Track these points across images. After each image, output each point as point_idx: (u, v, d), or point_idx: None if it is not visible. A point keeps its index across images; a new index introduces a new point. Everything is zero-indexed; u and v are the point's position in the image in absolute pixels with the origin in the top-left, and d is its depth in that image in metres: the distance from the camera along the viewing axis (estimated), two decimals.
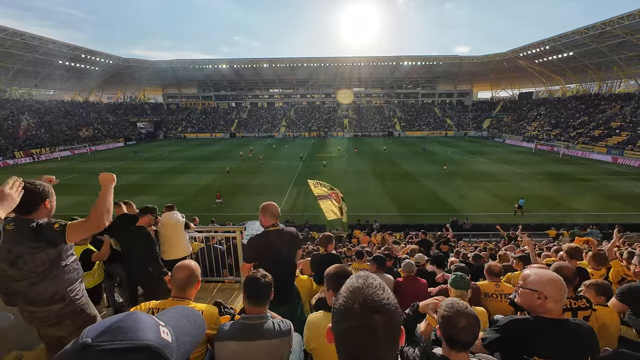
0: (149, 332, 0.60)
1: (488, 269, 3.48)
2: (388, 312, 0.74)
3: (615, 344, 2.39)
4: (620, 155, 33.42)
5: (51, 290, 1.97)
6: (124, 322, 0.60)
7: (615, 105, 43.91)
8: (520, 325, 1.60)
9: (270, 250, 2.56)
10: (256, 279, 1.76)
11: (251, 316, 1.70)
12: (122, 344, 0.55)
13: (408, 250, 7.33)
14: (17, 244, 1.84)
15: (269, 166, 32.38)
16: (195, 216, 9.60)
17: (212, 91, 76.75)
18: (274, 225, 2.67)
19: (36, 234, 1.85)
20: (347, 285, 0.81)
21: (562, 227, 14.17)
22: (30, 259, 1.86)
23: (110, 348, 0.54)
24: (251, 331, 1.64)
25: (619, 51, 40.66)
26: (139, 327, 0.60)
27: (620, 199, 20.14)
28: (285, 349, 1.67)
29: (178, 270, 1.84)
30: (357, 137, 62.04)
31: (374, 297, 0.75)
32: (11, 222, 1.88)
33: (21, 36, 38.78)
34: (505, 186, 23.50)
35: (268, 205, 2.70)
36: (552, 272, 1.63)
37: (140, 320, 0.62)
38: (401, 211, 18.73)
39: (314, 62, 64.89)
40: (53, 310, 2.01)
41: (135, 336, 0.58)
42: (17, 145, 39.45)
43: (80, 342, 0.54)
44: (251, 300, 1.74)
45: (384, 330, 0.73)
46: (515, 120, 58.65)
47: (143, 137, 62.26)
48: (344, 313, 0.76)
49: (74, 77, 56.31)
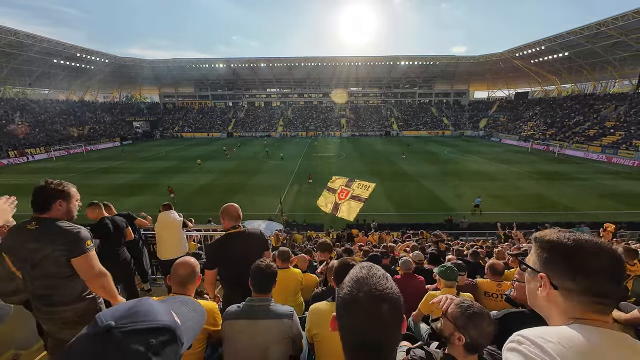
0: (164, 315, 0.62)
1: (491, 267, 3.37)
2: (392, 300, 0.77)
3: None
4: (614, 155, 33.77)
5: (77, 289, 2.02)
6: (139, 306, 0.61)
7: (609, 105, 44.35)
8: (516, 317, 1.63)
9: (233, 254, 2.44)
10: (261, 269, 1.91)
11: (256, 298, 1.87)
12: (144, 324, 0.57)
13: (405, 247, 7.37)
14: (43, 245, 1.86)
15: (267, 166, 32.33)
16: (191, 217, 9.57)
17: (209, 90, 76.40)
18: (234, 227, 2.56)
19: (67, 241, 1.88)
20: (352, 275, 0.83)
21: (557, 226, 14.33)
22: (57, 259, 1.89)
23: (133, 329, 0.55)
24: (257, 311, 1.81)
25: (614, 51, 41.08)
26: (155, 310, 0.62)
27: (614, 197, 20.37)
28: (287, 329, 1.79)
29: (179, 267, 1.86)
30: (355, 137, 62.11)
31: (378, 286, 0.78)
32: (33, 222, 1.88)
33: (15, 34, 38.32)
34: (501, 185, 23.68)
35: (227, 207, 2.60)
36: None
37: (153, 305, 0.64)
38: (398, 210, 18.81)
39: (311, 62, 64.83)
40: (79, 308, 2.03)
41: (154, 318, 0.59)
42: (11, 145, 39.02)
43: (103, 325, 0.54)
44: (256, 288, 1.89)
45: (389, 318, 0.76)
46: (511, 120, 59.05)
47: (139, 137, 61.80)
48: (349, 301, 0.78)
49: (69, 76, 55.70)
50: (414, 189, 23.15)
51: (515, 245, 8.20)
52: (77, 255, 1.90)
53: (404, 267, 3.64)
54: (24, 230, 1.87)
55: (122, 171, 29.89)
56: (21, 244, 1.86)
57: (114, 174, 28.18)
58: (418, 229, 13.98)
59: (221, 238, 2.57)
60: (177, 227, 4.50)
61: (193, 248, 5.78)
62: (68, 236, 1.89)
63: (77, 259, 1.91)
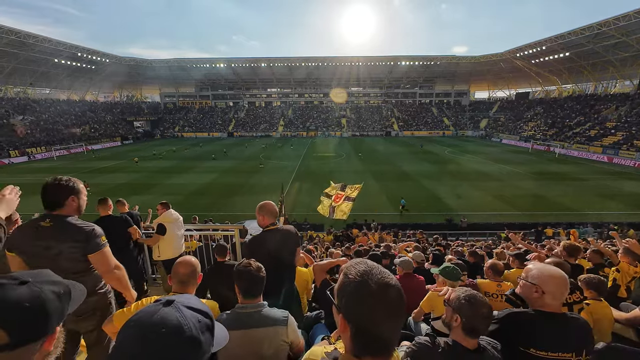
0: None
1: (492, 267, 3.36)
2: (398, 287, 0.82)
3: (608, 339, 2.43)
4: (615, 155, 33.71)
5: (92, 282, 2.07)
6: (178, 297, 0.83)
7: (610, 106, 44.27)
8: (518, 317, 1.62)
9: (271, 251, 2.43)
10: (248, 272, 1.73)
11: (246, 305, 1.71)
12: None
13: (405, 246, 7.37)
14: (58, 242, 1.88)
15: (267, 166, 32.34)
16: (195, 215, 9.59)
17: (209, 90, 76.43)
18: (273, 224, 2.57)
19: (83, 238, 1.93)
20: (355, 271, 0.85)
21: (559, 226, 14.34)
22: (73, 255, 1.93)
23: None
24: (246, 320, 1.66)
25: (615, 52, 41.01)
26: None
27: (615, 198, 20.34)
28: (281, 337, 1.67)
29: (181, 266, 1.84)
30: (355, 137, 62.09)
31: (383, 274, 0.83)
32: (47, 219, 1.90)
33: (17, 34, 38.40)
34: (502, 186, 23.65)
35: (266, 204, 2.59)
36: (555, 269, 1.59)
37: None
38: (399, 210, 18.78)
39: (312, 62, 64.84)
40: (92, 301, 2.08)
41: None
42: (12, 144, 39.10)
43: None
44: (244, 293, 1.74)
45: (398, 304, 0.81)
46: (512, 120, 58.98)
47: (140, 137, 61.88)
48: (361, 294, 0.80)
49: (71, 75, 55.85)
50: (415, 188, 23.14)
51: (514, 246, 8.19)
52: (93, 251, 1.97)
53: (405, 267, 3.64)
54: (38, 228, 1.88)
55: (122, 170, 29.92)
56: (34, 242, 1.87)
57: (114, 173, 28.26)
58: (417, 229, 14.00)
59: (260, 235, 2.56)
60: (178, 226, 4.47)
61: (195, 246, 5.75)
62: (84, 233, 1.94)
63: (94, 255, 1.98)
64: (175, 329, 0.69)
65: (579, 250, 3.81)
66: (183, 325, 0.70)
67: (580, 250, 3.85)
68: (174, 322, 0.70)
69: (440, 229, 15.44)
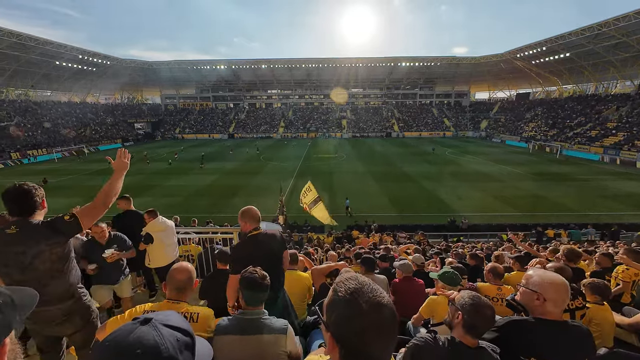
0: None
1: (492, 270, 3.33)
2: (391, 307, 0.78)
3: (610, 343, 2.40)
4: (616, 156, 33.63)
5: (63, 287, 2.02)
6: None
7: (611, 106, 44.18)
8: (519, 325, 1.59)
9: (257, 256, 2.38)
10: (254, 279, 1.77)
11: (248, 311, 1.75)
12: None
13: (406, 248, 7.33)
14: (33, 245, 1.85)
15: (267, 167, 32.34)
16: (194, 218, 9.58)
17: (210, 92, 76.49)
18: (256, 229, 2.52)
19: (53, 230, 1.90)
20: (344, 289, 0.80)
21: (560, 227, 14.29)
22: (49, 256, 1.89)
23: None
24: (248, 326, 1.69)
25: (615, 52, 40.95)
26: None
27: (616, 198, 20.27)
28: (280, 345, 1.68)
29: (177, 272, 1.82)
30: (356, 138, 62.08)
31: (375, 292, 0.78)
32: (12, 226, 1.85)
33: (18, 37, 38.55)
34: (502, 186, 23.59)
35: (247, 210, 2.53)
36: (557, 275, 1.56)
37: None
38: (400, 212, 18.75)
39: (312, 63, 64.91)
40: (65, 307, 2.04)
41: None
42: (12, 146, 39.17)
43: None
44: (248, 300, 1.76)
45: (390, 325, 0.77)
46: (512, 121, 58.89)
47: (141, 138, 62.00)
48: (352, 314, 0.76)
49: (71, 78, 56.02)
50: (415, 189, 23.09)
51: (515, 248, 8.15)
52: (69, 232, 1.96)
53: (404, 270, 3.60)
54: (4, 236, 1.83)
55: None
56: (5, 249, 1.83)
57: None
58: (417, 230, 13.93)
59: (245, 240, 2.51)
60: (169, 234, 4.33)
61: (195, 250, 5.70)
62: (50, 227, 1.90)
63: (72, 226, 1.94)
64: (152, 349, 0.68)
65: (579, 255, 3.78)
66: (160, 345, 0.69)
67: (580, 255, 3.81)
68: (150, 342, 0.69)
69: (441, 230, 15.42)
